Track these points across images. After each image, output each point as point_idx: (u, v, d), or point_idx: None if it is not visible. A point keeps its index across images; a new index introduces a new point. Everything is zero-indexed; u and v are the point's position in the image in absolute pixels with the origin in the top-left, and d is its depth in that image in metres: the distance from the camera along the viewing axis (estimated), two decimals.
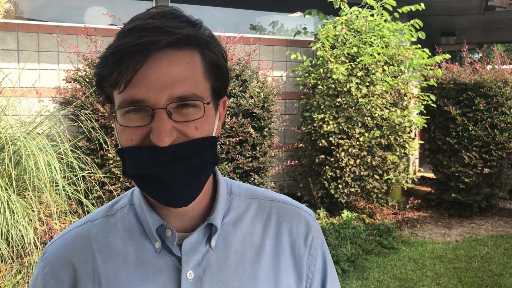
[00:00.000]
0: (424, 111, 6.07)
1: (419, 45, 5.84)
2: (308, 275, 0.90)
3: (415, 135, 6.53)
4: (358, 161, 5.48)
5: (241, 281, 0.84)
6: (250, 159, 4.86)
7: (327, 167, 5.58)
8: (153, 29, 0.73)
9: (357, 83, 5.47)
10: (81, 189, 4.06)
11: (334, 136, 5.46)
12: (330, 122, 5.44)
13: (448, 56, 5.77)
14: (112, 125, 0.85)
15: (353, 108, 5.47)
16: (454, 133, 6.18)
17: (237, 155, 4.80)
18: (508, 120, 6.00)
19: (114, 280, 0.82)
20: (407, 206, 6.37)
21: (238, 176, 4.88)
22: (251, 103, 4.83)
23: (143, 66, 0.72)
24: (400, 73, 5.74)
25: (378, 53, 5.53)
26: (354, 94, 5.40)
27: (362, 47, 5.51)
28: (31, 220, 3.76)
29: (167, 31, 0.73)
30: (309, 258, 0.90)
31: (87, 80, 4.52)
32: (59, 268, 0.84)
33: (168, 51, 0.73)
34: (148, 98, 0.73)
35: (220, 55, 0.81)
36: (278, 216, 0.91)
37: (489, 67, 6.41)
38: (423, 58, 5.64)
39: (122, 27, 0.77)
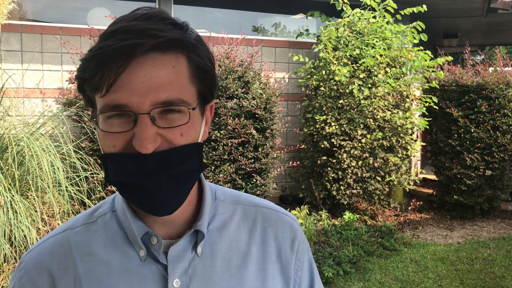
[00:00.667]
0: (426, 113, 6.07)
1: (421, 47, 5.85)
2: (295, 280, 0.90)
3: (417, 137, 6.53)
4: (360, 162, 5.48)
5: (228, 287, 0.82)
6: (252, 160, 4.87)
7: (329, 168, 5.58)
8: (136, 31, 0.70)
9: (359, 84, 5.48)
10: (83, 190, 4.07)
11: (336, 138, 5.47)
12: (332, 124, 5.45)
13: (450, 58, 5.77)
14: (95, 130, 0.82)
15: (355, 109, 5.48)
16: (456, 135, 6.18)
17: (239, 156, 4.81)
18: (510, 122, 5.99)
19: None
20: (409, 208, 6.37)
21: (240, 177, 4.89)
22: (253, 105, 4.84)
23: (126, 70, 0.69)
24: (402, 75, 5.74)
25: (380, 55, 5.54)
26: (356, 96, 5.41)
27: (364, 49, 5.52)
28: (34, 221, 3.77)
29: (151, 34, 0.70)
30: (296, 262, 0.90)
31: None
32: (38, 277, 0.80)
33: (152, 55, 0.70)
34: (131, 103, 0.70)
35: (207, 58, 0.78)
36: (263, 222, 0.90)
37: (491, 69, 6.41)
38: (425, 60, 5.65)
39: (107, 27, 0.75)
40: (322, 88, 5.60)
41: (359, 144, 5.46)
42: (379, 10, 5.77)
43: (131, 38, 0.69)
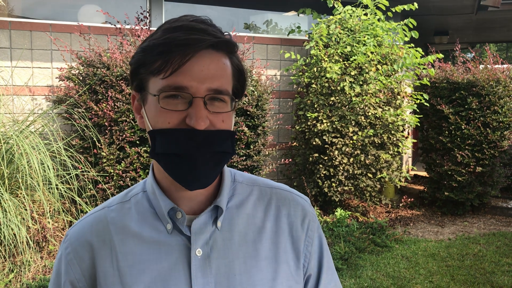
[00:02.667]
0: (417, 110, 6.09)
1: (412, 44, 5.86)
2: (305, 254, 0.99)
3: (408, 133, 6.56)
4: (351, 159, 5.50)
5: (245, 258, 0.92)
6: (244, 157, 4.86)
7: (320, 165, 5.59)
8: (199, 29, 0.84)
9: (350, 82, 5.49)
10: (74, 188, 4.04)
11: (327, 135, 5.48)
12: (324, 121, 5.45)
13: (441, 55, 5.79)
14: (134, 110, 0.96)
15: (347, 107, 5.49)
16: (447, 132, 6.22)
17: None
18: (500, 119, 6.04)
19: (130, 258, 0.91)
20: (400, 205, 6.40)
21: None
22: (245, 102, 4.83)
23: (191, 59, 0.83)
24: (393, 72, 5.76)
25: (372, 52, 5.55)
26: (347, 93, 5.42)
27: (355, 46, 5.53)
28: (23, 219, 3.74)
29: (211, 33, 0.85)
30: (306, 239, 0.99)
31: (81, 78, 4.50)
32: (80, 248, 0.94)
33: (210, 51, 0.85)
34: (191, 86, 0.83)
35: (241, 62, 0.93)
36: (277, 201, 1.00)
37: (481, 66, 6.45)
38: (416, 57, 5.67)
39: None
40: (313, 85, 5.60)
41: (351, 141, 5.47)
42: (371, 7, 5.77)
43: (195, 34, 0.83)
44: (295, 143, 5.98)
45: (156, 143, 0.87)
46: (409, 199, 6.28)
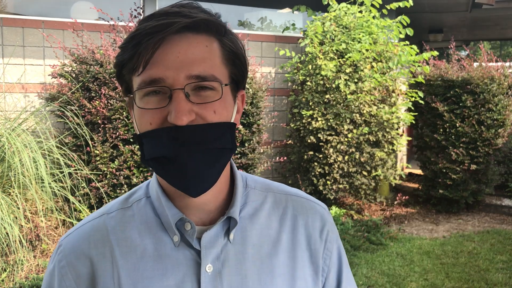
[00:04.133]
0: (412, 108, 6.10)
1: (407, 42, 5.86)
2: (323, 268, 0.91)
3: (403, 131, 6.56)
4: (346, 157, 5.49)
5: (259, 274, 0.83)
6: (239, 155, 4.84)
7: (315, 163, 5.58)
8: (171, 13, 0.75)
9: (345, 79, 5.47)
10: (67, 186, 4.01)
11: (322, 133, 5.46)
12: (319, 119, 5.44)
13: (435, 53, 5.79)
14: (130, 114, 0.85)
15: (342, 104, 5.48)
16: (441, 130, 6.22)
17: None
18: (494, 117, 6.05)
19: (133, 274, 0.81)
20: (395, 202, 6.40)
21: None
22: None
23: (161, 47, 0.73)
24: (388, 70, 5.75)
25: (367, 50, 5.54)
26: (342, 91, 5.41)
27: (350, 43, 5.52)
28: (16, 218, 3.70)
29: (185, 15, 0.75)
30: (324, 251, 0.91)
31: (73, 75, 4.46)
32: (77, 261, 0.83)
33: (187, 34, 0.75)
34: (166, 76, 0.73)
35: (239, 45, 0.82)
36: (294, 210, 0.91)
37: (475, 64, 6.46)
38: (411, 55, 5.66)
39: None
40: (308, 83, 5.59)
41: (346, 139, 5.46)
42: (367, 5, 5.76)
43: (166, 18, 0.74)
44: (290, 141, 5.97)
45: (144, 148, 0.78)
46: (403, 197, 6.29)
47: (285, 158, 5.65)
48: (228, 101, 0.80)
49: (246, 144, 4.89)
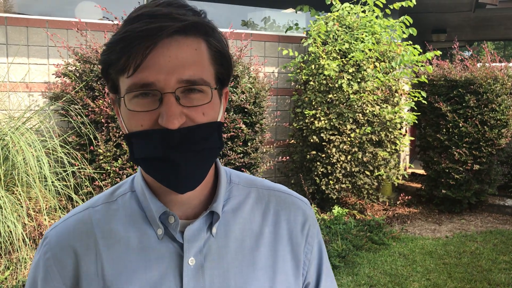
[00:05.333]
0: (415, 108, 6.09)
1: (410, 42, 5.85)
2: (305, 262, 0.93)
3: (406, 131, 6.56)
4: (349, 157, 5.49)
5: (241, 267, 0.85)
6: (242, 154, 4.85)
7: (318, 163, 5.58)
8: (160, 15, 0.75)
9: (348, 79, 5.47)
10: (70, 185, 4.02)
11: (325, 132, 5.47)
12: (322, 118, 5.44)
13: (439, 52, 5.78)
14: (115, 113, 0.86)
15: (345, 104, 5.48)
16: (444, 130, 6.22)
17: (229, 151, 4.79)
18: (497, 117, 6.04)
19: (117, 265, 0.82)
20: (398, 202, 6.40)
21: None
22: (242, 99, 4.82)
23: (153, 51, 0.74)
24: (391, 70, 5.75)
25: (370, 50, 5.54)
26: (345, 90, 5.41)
27: (353, 43, 5.52)
28: (19, 216, 3.72)
29: (174, 18, 0.75)
30: (306, 246, 0.93)
31: (77, 74, 4.47)
32: (61, 253, 0.84)
33: (177, 37, 0.75)
34: (157, 80, 0.74)
35: (224, 44, 0.83)
36: (276, 205, 0.93)
37: (479, 64, 6.44)
38: (414, 55, 5.66)
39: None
40: (311, 83, 5.59)
41: (348, 139, 5.46)
42: (370, 4, 5.75)
43: (156, 21, 0.74)
44: (292, 141, 5.97)
45: (134, 147, 0.79)
46: (406, 197, 6.28)
47: (287, 157, 5.65)
48: (216, 102, 0.81)
49: (249, 144, 4.90)
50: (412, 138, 6.59)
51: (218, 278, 0.84)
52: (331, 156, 5.47)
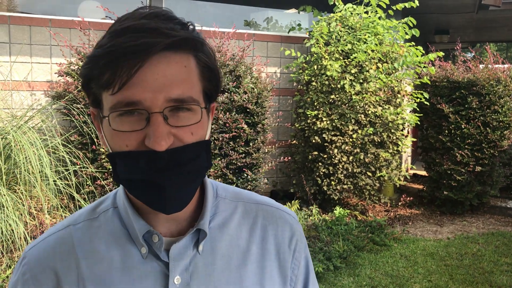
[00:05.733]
0: (417, 109, 6.08)
1: (413, 43, 5.85)
2: (291, 278, 0.91)
3: (408, 132, 6.55)
4: (351, 158, 5.48)
5: (228, 285, 0.83)
6: (243, 155, 4.85)
7: (320, 163, 5.58)
8: (149, 30, 0.70)
9: (350, 80, 5.47)
10: (72, 184, 4.03)
11: (327, 133, 5.46)
12: (324, 119, 5.44)
13: (441, 53, 5.78)
14: (96, 128, 0.80)
15: (347, 105, 5.48)
16: (446, 131, 6.21)
17: (230, 151, 4.79)
18: (500, 119, 6.02)
19: (100, 286, 0.79)
20: (399, 203, 6.39)
21: (231, 172, 4.87)
22: (244, 99, 4.82)
23: (140, 69, 0.69)
24: (393, 71, 5.74)
25: (372, 50, 5.53)
26: (347, 91, 5.40)
27: (356, 44, 5.51)
28: (21, 215, 3.72)
29: (163, 33, 0.70)
30: (293, 261, 0.91)
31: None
32: (41, 274, 0.81)
33: (166, 54, 0.71)
34: (144, 99, 0.70)
35: (213, 58, 0.79)
36: (264, 219, 0.91)
37: (481, 66, 6.43)
38: (417, 56, 5.65)
39: (112, 25, 0.74)
40: (313, 83, 5.59)
41: (350, 140, 5.46)
42: (373, 5, 5.75)
43: (144, 36, 0.69)
44: (294, 141, 5.97)
45: (117, 168, 0.75)
46: (408, 198, 6.27)
47: (289, 158, 5.65)
48: (205, 120, 0.78)
49: (251, 144, 4.90)
50: (414, 139, 6.59)
51: None
52: (333, 156, 5.47)
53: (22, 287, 0.81)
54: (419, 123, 6.09)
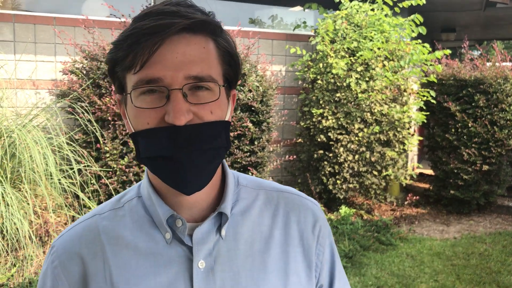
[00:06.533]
0: (424, 107, 6.03)
1: (419, 41, 5.80)
2: (317, 264, 0.91)
3: (414, 131, 6.50)
4: (356, 156, 5.45)
5: (252, 270, 0.84)
6: (248, 153, 4.82)
7: (325, 162, 5.55)
8: (169, 13, 0.75)
9: (356, 78, 5.43)
10: (77, 183, 4.02)
11: (333, 132, 5.43)
12: (329, 117, 5.40)
13: (448, 51, 5.73)
14: (121, 113, 0.85)
15: (353, 103, 5.44)
16: (453, 130, 6.15)
17: (235, 150, 4.77)
18: (507, 117, 5.96)
19: (125, 272, 0.82)
20: (406, 203, 6.35)
21: (236, 170, 4.84)
22: (249, 97, 4.79)
23: (161, 47, 0.73)
24: (400, 69, 5.70)
25: (378, 48, 5.49)
26: (353, 89, 5.36)
27: (362, 41, 5.47)
28: (26, 213, 3.72)
29: (183, 15, 0.75)
30: (317, 247, 0.92)
31: (84, 72, 4.47)
32: (68, 261, 0.84)
33: (185, 35, 0.75)
34: (164, 76, 0.74)
35: (233, 45, 0.83)
36: (286, 206, 0.92)
37: (489, 64, 6.37)
38: (423, 54, 5.60)
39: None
40: (319, 81, 5.55)
41: (356, 138, 5.42)
42: (379, 3, 5.70)
43: (164, 18, 0.74)
44: (299, 140, 5.93)
45: (140, 146, 0.79)
46: (414, 197, 6.23)
47: (294, 156, 5.62)
48: (223, 101, 0.81)
49: (256, 143, 4.87)
50: (421, 138, 6.54)
51: (229, 281, 0.82)
52: (339, 155, 5.43)
53: (52, 274, 0.85)
54: (425, 121, 6.04)
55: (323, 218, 0.95)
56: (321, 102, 5.49)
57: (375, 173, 5.60)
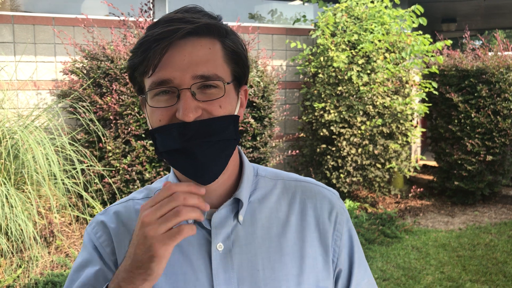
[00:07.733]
0: (426, 99, 6.00)
1: (420, 32, 5.76)
2: (334, 249, 0.96)
3: (417, 123, 6.47)
4: (359, 150, 5.43)
5: (268, 253, 0.90)
6: (251, 149, 4.81)
7: (328, 156, 5.53)
8: (176, 19, 0.83)
9: (358, 71, 5.40)
10: (80, 182, 4.02)
11: (335, 125, 5.41)
12: (331, 111, 5.38)
13: (449, 42, 5.69)
14: (144, 114, 0.98)
15: (354, 96, 5.41)
16: (456, 121, 6.12)
17: (237, 146, 4.76)
18: (511, 107, 5.93)
19: None
20: (410, 195, 6.33)
21: None
22: (250, 93, 4.77)
23: (168, 51, 0.81)
24: (401, 60, 5.67)
25: (379, 40, 5.46)
26: (355, 82, 5.34)
27: (362, 34, 5.44)
28: (30, 214, 3.72)
29: (188, 21, 0.83)
30: (334, 233, 0.96)
31: (85, 71, 4.46)
32: (104, 228, 0.96)
33: (191, 38, 0.83)
34: (174, 77, 0.82)
35: (240, 44, 0.90)
36: (302, 194, 0.98)
37: (490, 53, 6.33)
38: (425, 45, 5.57)
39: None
40: (320, 75, 5.53)
41: (359, 131, 5.40)
42: None
43: (172, 25, 0.82)
44: (302, 134, 5.92)
45: (157, 142, 0.87)
46: (418, 189, 6.21)
47: (297, 151, 5.61)
48: (232, 96, 0.88)
49: (258, 138, 4.86)
50: (424, 130, 6.51)
51: (247, 262, 0.89)
52: (342, 149, 5.42)
53: (93, 235, 0.96)
54: (428, 113, 6.01)
55: (340, 206, 1.00)
56: (322, 96, 5.47)
57: (379, 166, 5.58)
